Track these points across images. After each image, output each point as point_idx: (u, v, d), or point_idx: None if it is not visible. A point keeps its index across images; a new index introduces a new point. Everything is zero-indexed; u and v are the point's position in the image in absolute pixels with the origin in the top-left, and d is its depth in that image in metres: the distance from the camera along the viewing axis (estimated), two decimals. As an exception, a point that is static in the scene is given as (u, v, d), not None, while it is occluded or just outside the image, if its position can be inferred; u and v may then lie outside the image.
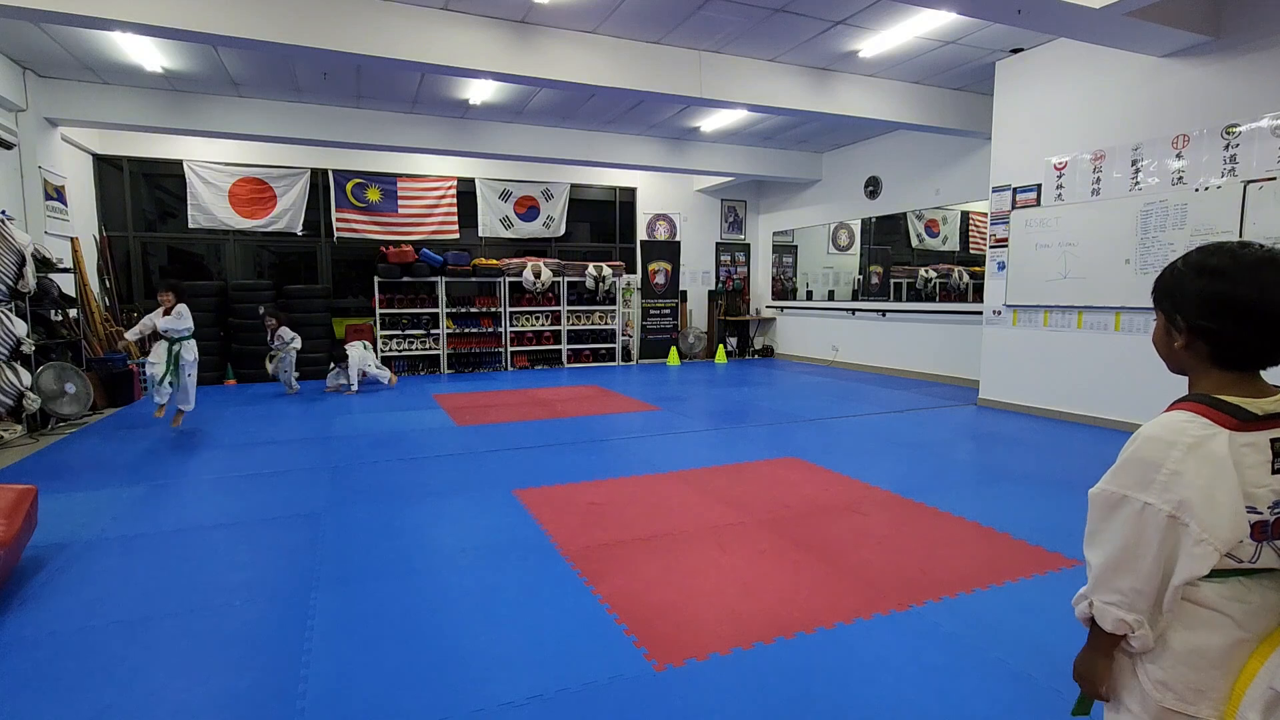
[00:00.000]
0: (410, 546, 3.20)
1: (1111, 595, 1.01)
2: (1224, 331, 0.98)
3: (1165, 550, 0.96)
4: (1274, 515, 0.96)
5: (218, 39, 5.08)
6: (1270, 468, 0.95)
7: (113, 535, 3.38)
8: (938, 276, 9.30)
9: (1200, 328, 1.00)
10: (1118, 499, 1.00)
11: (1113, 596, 1.01)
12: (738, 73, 6.71)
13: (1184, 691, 0.99)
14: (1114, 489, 1.01)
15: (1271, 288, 0.93)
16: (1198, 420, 0.97)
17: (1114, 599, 1.01)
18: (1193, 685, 0.99)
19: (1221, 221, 5.05)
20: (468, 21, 5.69)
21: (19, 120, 6.72)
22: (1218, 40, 5.10)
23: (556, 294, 10.67)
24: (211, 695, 2.02)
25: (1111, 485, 1.01)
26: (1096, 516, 1.04)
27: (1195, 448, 0.95)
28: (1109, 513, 1.02)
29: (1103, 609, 1.02)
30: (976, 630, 2.38)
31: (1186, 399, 1.02)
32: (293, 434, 5.77)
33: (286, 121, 8.06)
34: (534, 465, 4.67)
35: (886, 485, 4.07)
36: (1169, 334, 1.06)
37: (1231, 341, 0.98)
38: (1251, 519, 0.95)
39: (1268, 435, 0.96)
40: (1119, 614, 1.00)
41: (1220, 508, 0.93)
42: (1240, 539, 0.94)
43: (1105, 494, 1.02)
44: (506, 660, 2.21)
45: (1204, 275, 1.00)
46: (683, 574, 2.85)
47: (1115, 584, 1.01)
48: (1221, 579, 0.98)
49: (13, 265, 5.50)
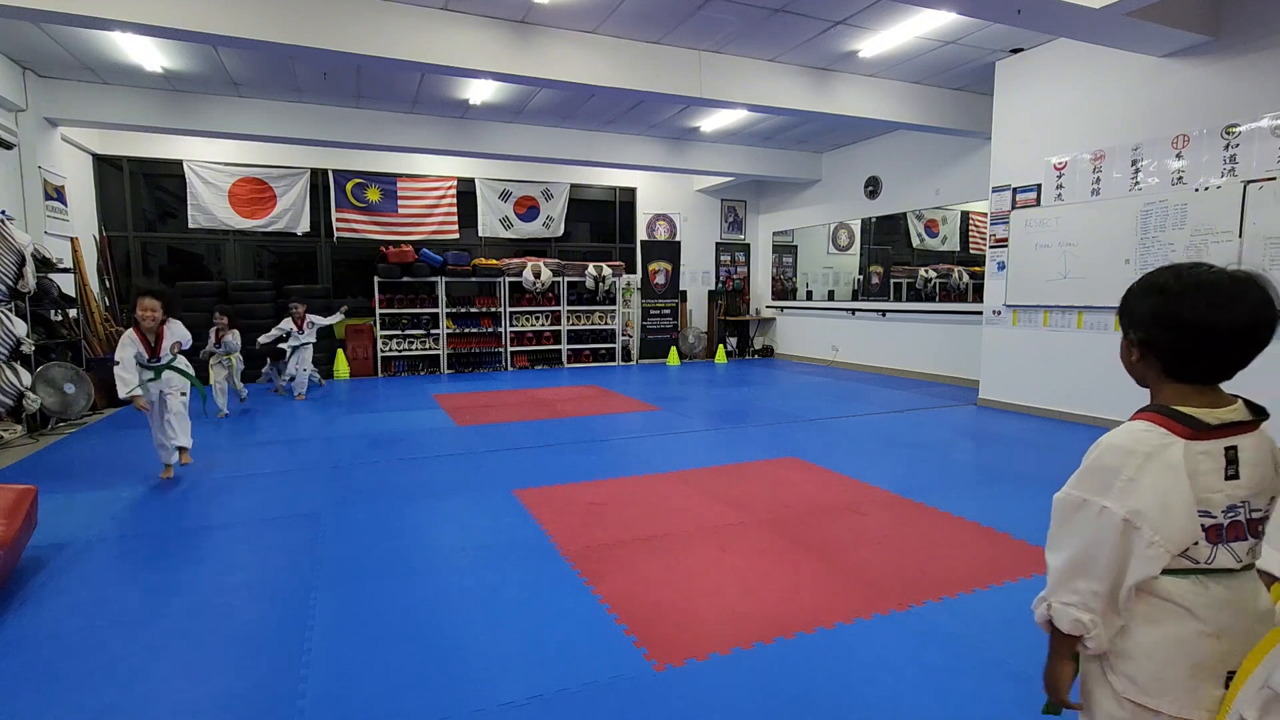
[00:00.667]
0: (410, 546, 3.20)
1: (1070, 596, 1.05)
2: (1170, 345, 1.03)
3: (1120, 552, 1.01)
4: (1228, 519, 1.00)
5: (218, 39, 5.08)
6: (1224, 474, 1.00)
7: (113, 535, 3.38)
8: (938, 276, 9.30)
9: (1149, 342, 1.06)
10: (1078, 503, 1.05)
11: (1070, 597, 1.05)
12: (738, 73, 6.71)
13: (1148, 684, 1.03)
14: (1076, 494, 1.05)
15: (1210, 307, 0.98)
16: (1155, 430, 1.02)
17: (1072, 599, 1.05)
18: (1156, 677, 1.02)
19: (1221, 221, 5.05)
20: (468, 21, 5.69)
21: (19, 120, 6.72)
22: (1218, 40, 5.10)
23: (556, 294, 10.67)
24: (211, 695, 2.02)
25: (1074, 490, 1.06)
26: (1058, 520, 1.09)
27: (1152, 456, 1.00)
28: (1070, 516, 1.06)
29: (1060, 610, 1.06)
30: (976, 630, 2.38)
31: (1146, 409, 1.07)
32: (292, 434, 5.77)
33: (286, 121, 8.06)
34: (534, 465, 4.67)
35: (886, 485, 4.07)
36: (1128, 349, 1.12)
37: (1178, 355, 1.03)
38: (1206, 522, 0.99)
39: (1222, 444, 1.00)
40: (1075, 614, 1.04)
41: (1173, 513, 0.99)
42: (1191, 543, 0.99)
43: (1067, 498, 1.07)
44: (506, 660, 2.21)
45: (1152, 293, 1.06)
46: (683, 574, 2.85)
47: (1073, 584, 1.05)
48: (1182, 575, 1.02)
49: (13, 265, 5.51)
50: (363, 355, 9.68)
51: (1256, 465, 1.01)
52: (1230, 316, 0.98)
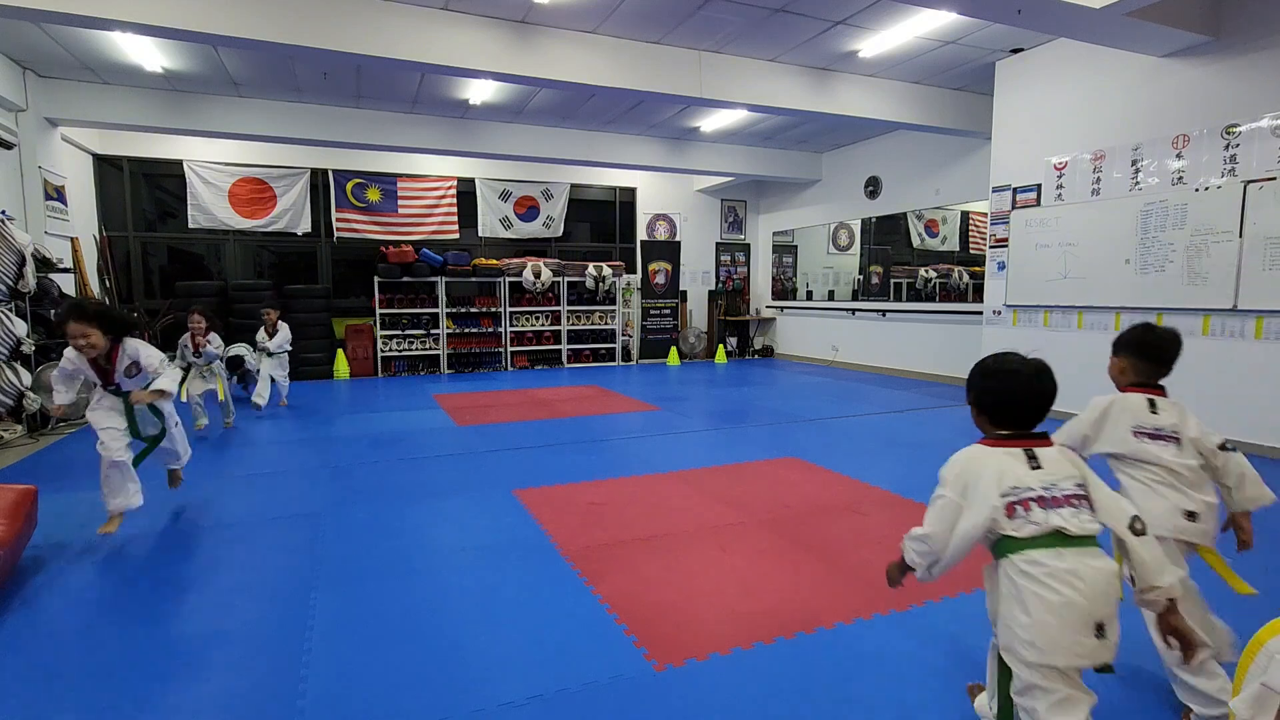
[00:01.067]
0: (410, 546, 3.20)
1: (919, 545, 1.61)
2: (989, 407, 1.63)
3: (951, 522, 1.55)
4: (1048, 493, 1.49)
5: (218, 39, 5.08)
6: (1029, 466, 1.53)
7: (113, 535, 3.38)
8: (938, 276, 9.30)
9: (980, 404, 1.66)
10: (937, 493, 1.60)
11: (919, 546, 1.61)
12: (738, 73, 6.71)
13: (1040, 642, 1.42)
14: (936, 490, 1.61)
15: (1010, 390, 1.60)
16: (979, 446, 1.61)
17: (919, 547, 1.61)
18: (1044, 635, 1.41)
19: (1221, 221, 5.05)
20: (468, 21, 5.69)
21: (19, 120, 6.72)
22: (1218, 40, 5.10)
23: (556, 294, 10.67)
24: (211, 695, 2.02)
25: (937, 489, 1.61)
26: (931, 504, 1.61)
27: (973, 459, 1.57)
28: (932, 501, 1.61)
29: (908, 548, 1.65)
30: (976, 630, 2.38)
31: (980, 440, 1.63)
32: (292, 434, 5.77)
33: (286, 121, 8.06)
34: (534, 465, 4.67)
35: (886, 485, 4.07)
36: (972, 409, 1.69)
37: (995, 412, 1.63)
38: (1023, 495, 1.48)
39: (1021, 449, 1.56)
40: (913, 556, 1.64)
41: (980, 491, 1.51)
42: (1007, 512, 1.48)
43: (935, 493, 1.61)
44: (506, 660, 2.21)
45: (981, 374, 1.67)
46: (683, 574, 2.85)
47: (923, 537, 1.60)
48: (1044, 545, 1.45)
49: (13, 265, 5.50)
50: (363, 355, 9.68)
51: (1054, 462, 1.54)
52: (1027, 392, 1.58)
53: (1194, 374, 5.32)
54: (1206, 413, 3.41)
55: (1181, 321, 5.38)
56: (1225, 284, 5.05)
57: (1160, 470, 1.90)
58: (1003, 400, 1.60)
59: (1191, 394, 5.33)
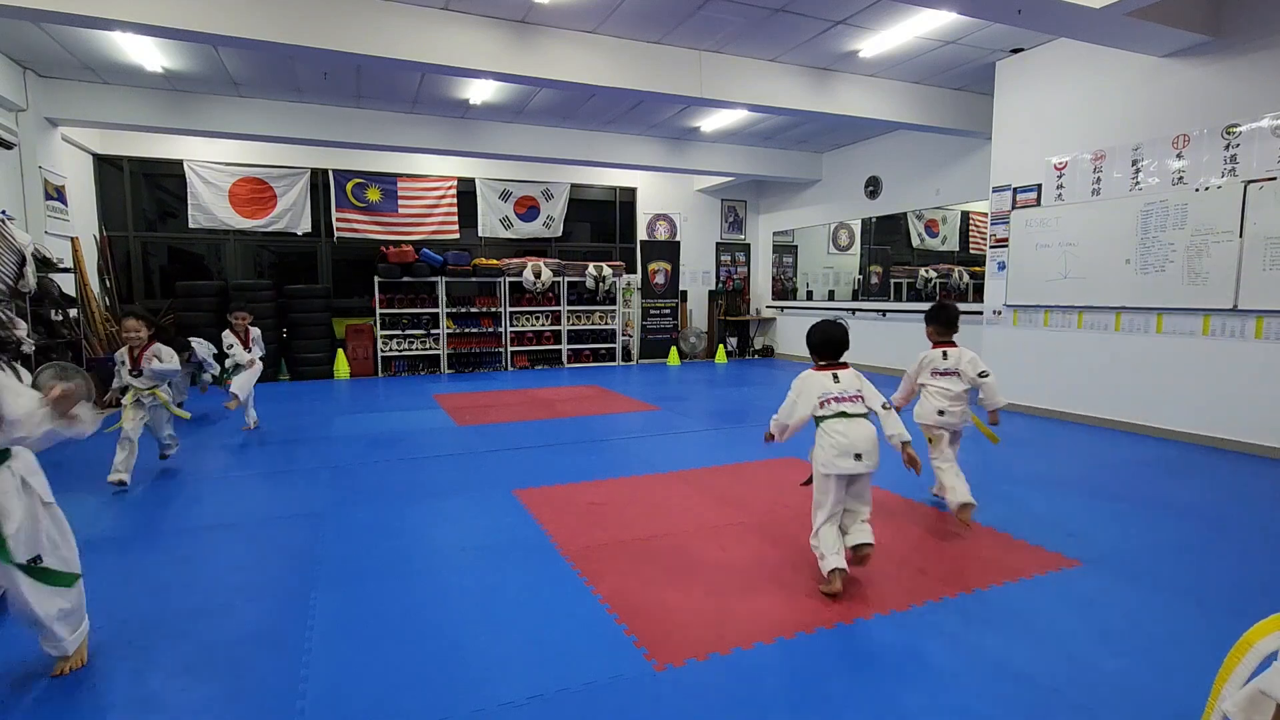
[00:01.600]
0: (410, 546, 3.20)
1: (776, 420, 2.83)
2: (814, 349, 2.86)
3: (792, 409, 2.76)
4: (842, 394, 2.71)
5: (218, 39, 5.08)
6: (833, 381, 2.74)
7: (113, 535, 3.38)
8: (938, 276, 9.30)
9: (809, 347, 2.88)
10: (789, 395, 2.78)
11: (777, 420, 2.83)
12: (738, 73, 6.71)
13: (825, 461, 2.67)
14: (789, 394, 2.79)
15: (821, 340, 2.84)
16: (810, 370, 2.81)
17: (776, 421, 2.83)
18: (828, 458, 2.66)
19: (1221, 221, 5.05)
20: (468, 21, 5.69)
21: (19, 120, 6.72)
22: (1218, 40, 5.10)
23: (556, 294, 10.67)
24: (212, 695, 2.02)
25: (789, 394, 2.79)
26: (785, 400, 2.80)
27: (805, 377, 2.78)
28: (786, 402, 2.78)
29: (771, 423, 2.85)
30: (976, 630, 2.38)
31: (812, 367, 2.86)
32: (292, 434, 5.77)
33: (286, 121, 8.06)
34: (534, 465, 4.67)
35: (886, 485, 4.06)
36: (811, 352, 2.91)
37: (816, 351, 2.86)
38: (828, 395, 2.71)
39: (829, 371, 2.77)
40: (772, 428, 2.85)
41: (807, 395, 2.74)
42: (819, 405, 2.71)
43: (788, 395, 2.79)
44: (506, 660, 2.21)
45: (810, 333, 2.89)
46: (683, 574, 2.85)
47: (778, 417, 2.82)
48: (836, 418, 2.68)
49: (13, 265, 5.50)
50: (363, 355, 9.68)
51: (846, 378, 2.76)
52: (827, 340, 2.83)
53: (1194, 374, 5.33)
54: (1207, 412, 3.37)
55: (1182, 322, 5.39)
56: (1225, 284, 5.05)
57: (937, 390, 3.60)
58: (817, 345, 2.84)
59: (1192, 394, 5.37)
